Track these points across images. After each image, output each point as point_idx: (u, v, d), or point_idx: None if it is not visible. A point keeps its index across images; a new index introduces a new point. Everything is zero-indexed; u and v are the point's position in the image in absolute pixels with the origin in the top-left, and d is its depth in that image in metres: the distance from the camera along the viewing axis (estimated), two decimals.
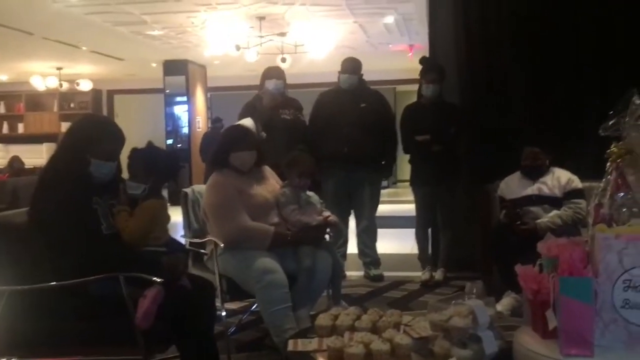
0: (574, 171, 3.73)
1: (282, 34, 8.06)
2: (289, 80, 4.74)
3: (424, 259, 4.60)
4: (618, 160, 2.02)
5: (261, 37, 7.82)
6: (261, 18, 7.48)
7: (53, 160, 2.41)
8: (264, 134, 4.25)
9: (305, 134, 4.49)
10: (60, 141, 2.53)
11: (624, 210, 1.95)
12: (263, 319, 2.98)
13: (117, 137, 2.45)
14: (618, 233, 1.78)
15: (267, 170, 3.32)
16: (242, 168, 3.14)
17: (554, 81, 4.49)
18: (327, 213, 3.27)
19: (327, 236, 3.29)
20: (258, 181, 3.20)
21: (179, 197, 3.45)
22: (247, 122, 4.19)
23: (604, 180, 2.07)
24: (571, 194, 3.59)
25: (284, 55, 8.35)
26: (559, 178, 3.66)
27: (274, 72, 4.64)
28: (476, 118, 4.56)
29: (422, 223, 4.57)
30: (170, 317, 2.23)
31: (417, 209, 4.59)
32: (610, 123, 2.04)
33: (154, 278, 2.18)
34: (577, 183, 3.63)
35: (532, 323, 1.93)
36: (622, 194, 1.99)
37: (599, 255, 1.77)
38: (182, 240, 3.22)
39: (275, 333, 2.86)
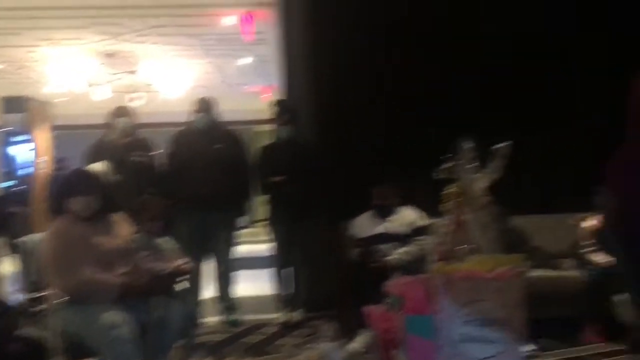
0: (420, 210, 3.95)
1: (132, 72, 7.79)
2: (140, 120, 4.58)
3: (283, 300, 4.58)
4: (455, 201, 2.16)
5: (111, 74, 7.51)
6: (110, 55, 7.19)
7: None
8: (117, 177, 4.05)
9: (158, 176, 4.33)
10: None
11: (461, 247, 2.08)
12: None
13: None
14: (456, 270, 1.88)
15: (119, 216, 3.13)
16: (82, 214, 2.93)
17: (402, 122, 4.75)
18: (180, 260, 3.14)
19: (182, 284, 3.16)
20: (105, 227, 3.00)
21: (15, 247, 3.14)
22: (98, 166, 3.96)
23: (443, 219, 2.19)
24: (417, 232, 3.79)
25: (135, 94, 8.07)
26: (407, 216, 3.86)
27: (123, 112, 4.48)
28: (329, 158, 4.68)
29: (279, 263, 4.56)
30: None
31: (275, 248, 4.58)
32: (445, 166, 2.18)
33: None
34: (422, 221, 3.85)
35: None
36: (459, 232, 2.12)
37: (439, 292, 1.85)
38: (16, 296, 2.92)
39: None
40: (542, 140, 4.61)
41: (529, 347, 1.82)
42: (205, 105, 4.51)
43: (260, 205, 4.96)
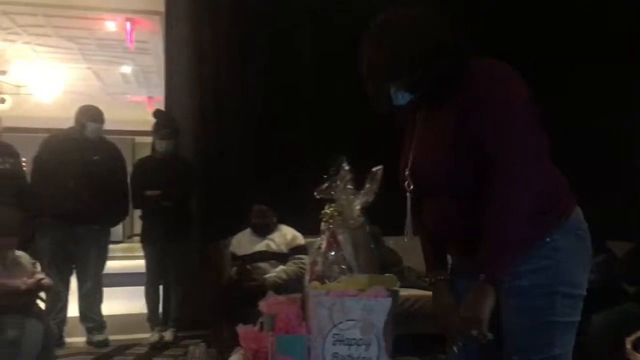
0: (298, 228, 3.98)
1: (2, 72, 7.24)
2: (10, 123, 4.24)
3: (153, 319, 4.39)
4: (330, 221, 2.18)
5: None
6: None
7: None
8: None
9: (20, 185, 4.02)
10: None
11: (335, 267, 2.10)
12: None
13: None
14: (328, 289, 1.89)
15: None
16: None
17: (281, 138, 4.78)
18: (39, 275, 2.91)
19: (39, 301, 2.93)
20: None
21: None
22: None
23: (318, 239, 2.21)
24: (295, 250, 3.81)
25: (3, 96, 7.50)
26: (285, 235, 3.87)
27: None
28: (209, 173, 4.60)
29: (151, 281, 4.38)
30: None
31: (148, 266, 4.40)
32: (324, 186, 2.21)
33: None
34: (300, 240, 3.87)
35: None
36: (333, 252, 2.15)
37: (312, 311, 1.86)
38: None
39: None
40: None
41: None
42: (99, 114, 4.29)
43: (137, 220, 4.74)
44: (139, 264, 8.94)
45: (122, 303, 5.48)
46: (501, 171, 1.58)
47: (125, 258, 9.08)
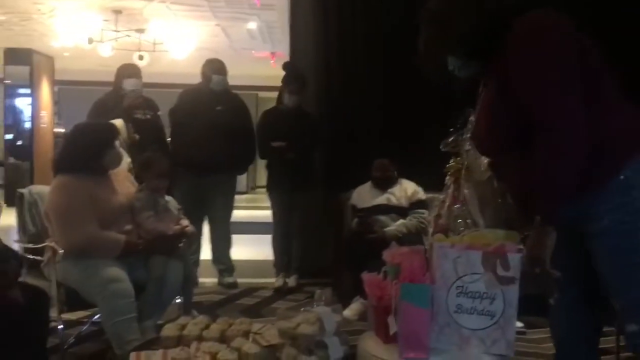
0: (419, 183, 3.97)
1: (140, 30, 7.73)
2: (146, 79, 4.55)
3: (279, 265, 4.62)
4: (455, 175, 2.18)
5: (117, 31, 7.45)
6: (117, 12, 7.12)
7: None
8: (136, 136, 4.06)
9: (162, 135, 4.34)
10: None
11: (459, 221, 2.10)
12: (105, 330, 2.81)
13: None
14: (453, 243, 1.90)
15: (122, 173, 3.14)
16: (108, 169, 2.95)
17: (404, 95, 4.73)
18: (185, 222, 3.16)
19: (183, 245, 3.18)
20: (112, 184, 3.00)
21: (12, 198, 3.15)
22: (118, 122, 3.95)
23: (443, 193, 2.21)
24: (416, 205, 3.82)
25: (142, 53, 8.01)
26: (406, 189, 3.88)
27: (132, 71, 4.44)
28: (332, 127, 4.68)
29: (279, 230, 4.58)
30: None
31: (274, 215, 4.60)
32: (450, 140, 2.20)
33: None
34: (421, 194, 3.86)
35: (375, 328, 2.00)
36: (458, 206, 2.15)
37: (436, 263, 1.88)
38: (16, 246, 2.95)
39: (118, 345, 2.70)
40: None
41: (518, 324, 1.85)
42: (222, 67, 4.44)
43: (262, 171, 4.92)
44: (262, 214, 9.39)
45: (249, 249, 5.80)
46: (540, 123, 1.64)
47: (250, 208, 9.52)
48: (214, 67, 4.42)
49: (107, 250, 2.81)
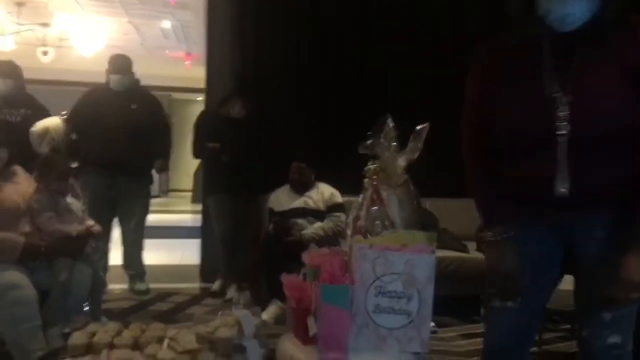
0: (335, 186, 4.02)
1: (45, 25, 7.33)
2: (50, 76, 4.32)
3: (204, 269, 4.51)
4: (373, 177, 2.21)
5: (19, 24, 7.02)
6: (20, 4, 6.72)
7: None
8: (73, 136, 3.86)
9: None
10: None
11: (377, 222, 2.13)
12: (5, 340, 2.63)
13: None
14: (372, 243, 1.93)
15: (20, 172, 2.95)
16: None
17: (321, 98, 4.79)
18: (89, 222, 3.02)
19: (89, 247, 3.03)
20: (7, 183, 2.82)
21: None
22: (54, 120, 3.72)
23: (361, 195, 2.24)
24: (333, 208, 3.86)
25: (46, 49, 7.61)
26: (323, 192, 3.92)
27: (1, 70, 4.15)
28: (249, 130, 4.64)
29: (219, 234, 4.41)
30: None
31: (213, 219, 4.43)
32: (368, 143, 2.23)
33: None
34: (338, 198, 3.91)
35: (295, 330, 1.99)
36: (376, 208, 2.18)
37: (355, 264, 1.90)
38: None
39: (20, 355, 2.54)
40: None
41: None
42: (121, 65, 4.30)
43: (176, 174, 4.80)
44: (175, 218, 9.19)
45: (161, 254, 5.64)
46: None
47: (163, 212, 9.29)
48: (114, 66, 4.29)
49: (4, 252, 2.65)
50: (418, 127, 2.18)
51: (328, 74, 4.84)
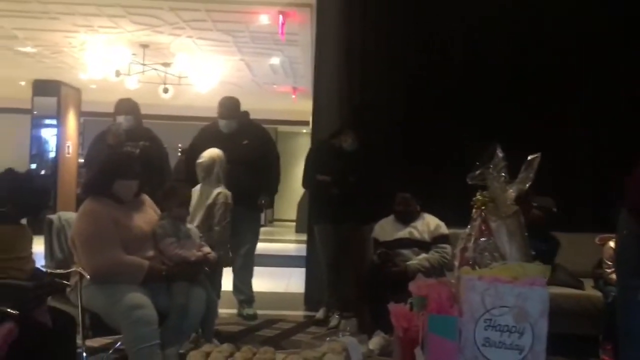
0: (440, 217, 3.97)
1: (166, 64, 7.92)
2: (170, 112, 4.65)
3: (310, 298, 4.61)
4: (482, 208, 2.18)
5: (144, 65, 7.63)
6: (145, 46, 7.31)
7: None
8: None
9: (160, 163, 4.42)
10: None
11: (486, 254, 2.09)
12: (128, 357, 2.82)
13: None
14: (481, 275, 1.90)
15: (146, 200, 3.19)
16: (124, 198, 2.99)
17: (426, 129, 4.78)
18: (206, 249, 3.19)
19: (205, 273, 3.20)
20: (136, 211, 3.05)
21: (41, 226, 3.20)
22: (217, 151, 4.04)
23: (469, 226, 2.21)
24: (438, 239, 3.81)
25: (167, 86, 8.18)
26: (429, 223, 3.88)
27: (123, 108, 4.55)
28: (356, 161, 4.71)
29: (324, 262, 4.51)
30: (24, 355, 2.05)
31: (319, 248, 4.53)
32: (477, 173, 2.20)
33: (9, 310, 2.00)
34: (443, 229, 3.86)
35: None
36: (484, 239, 2.14)
37: (464, 295, 1.87)
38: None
39: None
40: (569, 154, 4.64)
41: None
42: (226, 111, 4.51)
43: (281, 205, 4.95)
44: (280, 247, 9.42)
45: (267, 282, 5.80)
46: None
47: (268, 241, 9.57)
48: (221, 112, 4.52)
49: (131, 275, 2.85)
50: (530, 157, 2.14)
51: (433, 105, 4.83)
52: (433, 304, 1.87)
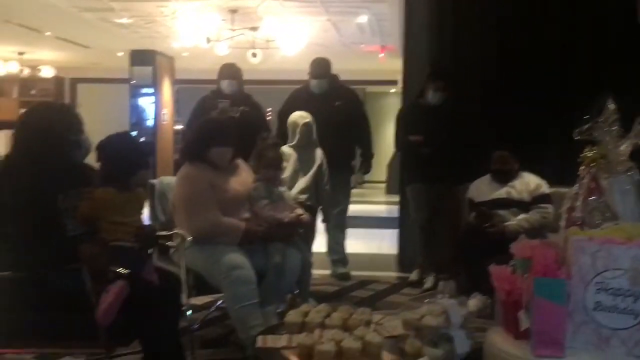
0: (541, 176, 3.78)
1: (254, 29, 7.95)
2: (258, 76, 4.71)
3: (404, 259, 4.61)
4: (591, 165, 2.04)
5: (232, 30, 7.72)
6: (233, 11, 7.38)
7: (19, 148, 2.31)
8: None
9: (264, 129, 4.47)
10: (23, 129, 2.35)
11: (596, 214, 1.97)
12: (229, 315, 2.93)
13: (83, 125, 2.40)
14: (591, 236, 1.79)
15: (241, 164, 3.26)
16: (220, 164, 3.06)
17: (524, 85, 4.54)
18: (299, 210, 3.23)
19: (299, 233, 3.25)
20: (231, 175, 3.13)
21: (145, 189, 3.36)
22: (300, 114, 4.11)
23: (576, 184, 2.08)
24: (539, 199, 3.63)
25: (255, 51, 8.25)
26: (528, 183, 3.71)
27: (227, 72, 4.60)
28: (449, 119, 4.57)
29: (406, 223, 4.53)
30: (134, 311, 2.17)
31: (411, 208, 4.50)
32: (585, 127, 2.06)
33: (120, 270, 2.12)
34: (544, 188, 3.68)
35: (504, 324, 1.93)
36: (594, 198, 2.01)
37: (572, 257, 1.78)
38: None
39: (242, 329, 2.82)
40: None
41: None
42: (319, 70, 4.51)
43: (375, 167, 4.88)
44: (371, 209, 9.42)
45: (359, 243, 5.82)
46: None
47: (359, 202, 9.58)
48: (312, 71, 4.51)
49: (229, 236, 2.94)
50: None
51: (531, 54, 4.56)
52: (538, 266, 1.79)
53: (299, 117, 4.07)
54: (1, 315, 2.16)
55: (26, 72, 10.94)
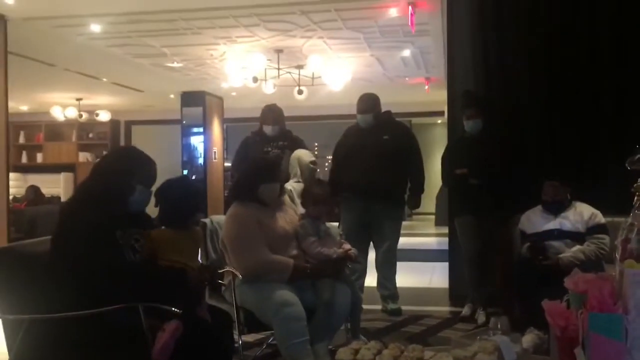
0: (595, 206, 3.69)
1: (300, 66, 8.13)
2: (305, 112, 4.81)
3: (454, 294, 4.55)
4: None
5: (278, 69, 7.91)
6: (279, 51, 7.57)
7: (85, 189, 2.41)
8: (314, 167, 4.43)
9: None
10: (98, 170, 2.44)
11: None
12: (280, 352, 2.94)
13: (154, 166, 2.50)
14: None
15: (287, 201, 3.31)
16: (269, 201, 3.12)
17: (573, 114, 4.47)
18: (347, 245, 3.24)
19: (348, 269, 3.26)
20: (278, 212, 3.18)
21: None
22: (304, 153, 4.36)
23: (631, 214, 2.03)
24: (594, 229, 3.54)
25: (301, 87, 8.41)
26: (582, 213, 3.62)
27: (269, 117, 4.77)
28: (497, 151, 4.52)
29: (467, 256, 4.39)
30: (189, 349, 2.21)
31: (462, 241, 4.43)
32: (637, 157, 2.02)
33: (174, 309, 2.17)
34: (600, 218, 3.58)
35: None
36: None
37: (628, 291, 1.73)
38: None
39: None
40: None
41: None
42: (363, 106, 4.57)
43: (423, 199, 4.86)
44: (421, 241, 9.32)
45: (409, 277, 5.76)
46: None
47: (409, 235, 9.50)
48: (358, 107, 4.59)
49: (278, 273, 2.97)
50: None
51: (580, 81, 4.49)
52: (593, 300, 1.74)
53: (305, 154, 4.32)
54: (59, 353, 2.23)
55: (84, 116, 11.43)
